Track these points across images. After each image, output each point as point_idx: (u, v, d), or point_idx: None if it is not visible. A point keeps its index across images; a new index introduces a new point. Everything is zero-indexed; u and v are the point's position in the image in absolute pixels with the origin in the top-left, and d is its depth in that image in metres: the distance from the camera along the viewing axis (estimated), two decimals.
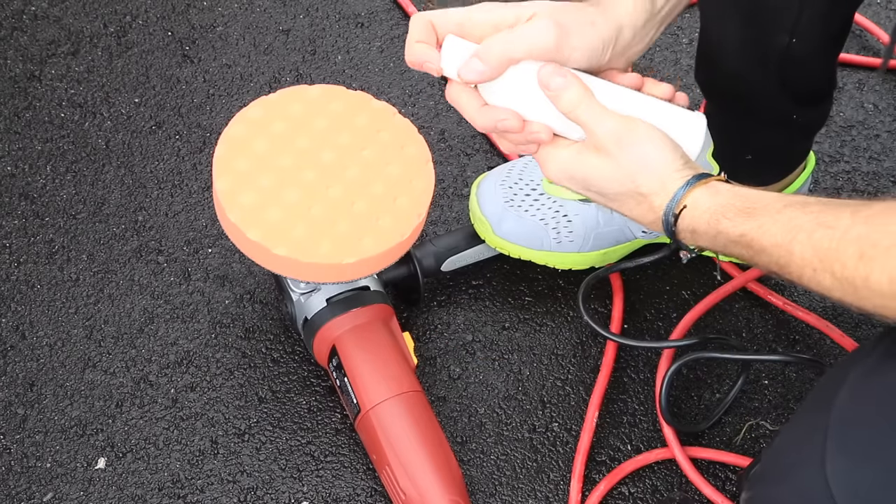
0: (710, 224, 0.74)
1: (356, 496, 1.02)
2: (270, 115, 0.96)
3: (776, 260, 0.70)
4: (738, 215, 0.72)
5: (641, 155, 0.76)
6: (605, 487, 1.02)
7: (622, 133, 0.76)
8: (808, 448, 0.68)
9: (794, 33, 0.89)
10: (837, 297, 0.66)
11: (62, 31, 1.33)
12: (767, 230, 0.70)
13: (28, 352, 1.10)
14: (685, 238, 0.76)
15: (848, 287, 0.65)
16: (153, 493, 1.02)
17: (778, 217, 0.70)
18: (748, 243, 0.71)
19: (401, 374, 1.00)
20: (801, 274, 0.68)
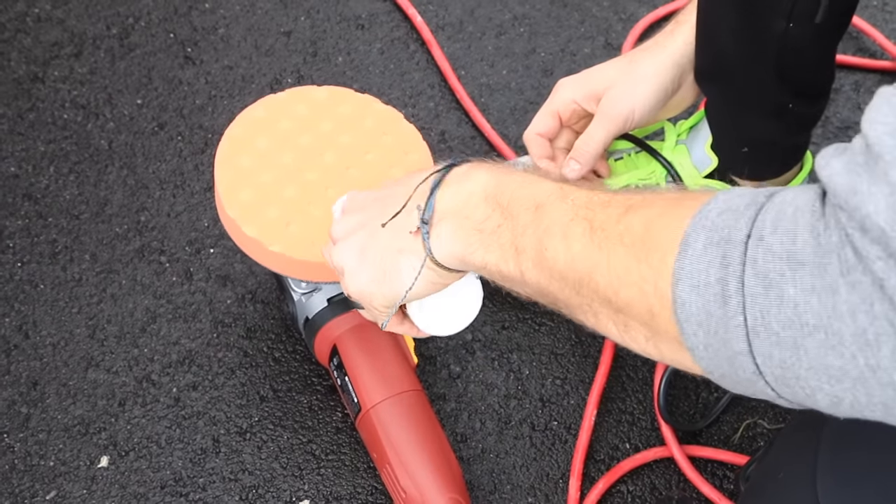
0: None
1: (357, 494, 1.03)
2: (276, 113, 0.96)
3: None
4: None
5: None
6: (604, 485, 1.02)
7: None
8: (799, 466, 0.68)
9: (792, 18, 0.90)
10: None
11: (65, 33, 1.34)
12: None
13: (31, 351, 1.10)
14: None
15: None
16: (155, 490, 1.03)
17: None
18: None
19: (401, 373, 1.00)
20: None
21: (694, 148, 1.10)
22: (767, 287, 0.51)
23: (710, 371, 0.57)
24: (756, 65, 0.96)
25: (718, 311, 0.53)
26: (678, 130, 1.13)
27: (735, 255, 0.53)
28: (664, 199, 0.61)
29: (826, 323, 0.50)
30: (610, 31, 1.35)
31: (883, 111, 0.50)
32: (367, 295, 0.79)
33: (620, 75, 0.93)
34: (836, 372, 0.50)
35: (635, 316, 0.60)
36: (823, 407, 0.53)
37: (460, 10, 1.38)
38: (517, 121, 1.26)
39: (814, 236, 0.51)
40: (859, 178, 0.49)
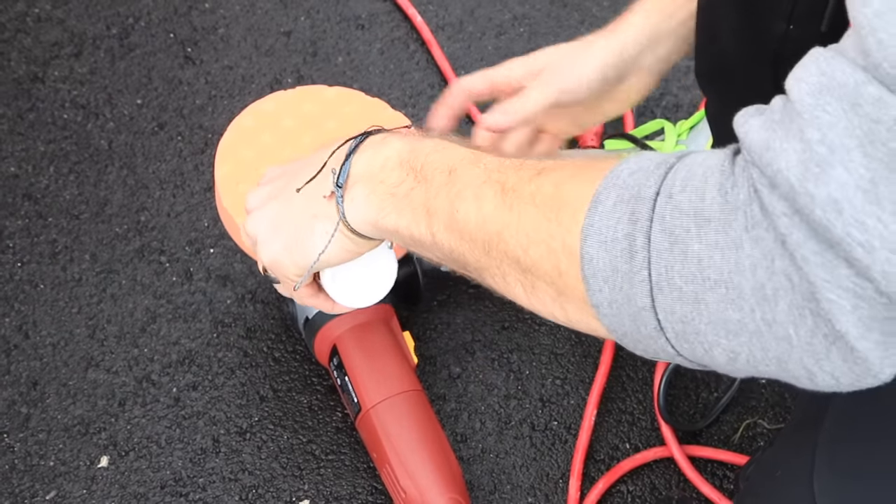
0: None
1: (357, 494, 1.03)
2: (283, 109, 0.96)
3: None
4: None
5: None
6: (604, 485, 1.02)
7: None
8: (797, 464, 0.68)
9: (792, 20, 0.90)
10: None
11: (65, 33, 1.34)
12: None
13: (31, 351, 1.11)
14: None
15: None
16: (155, 490, 1.03)
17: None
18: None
19: (401, 373, 1.00)
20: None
21: (694, 148, 1.10)
22: (673, 243, 0.52)
23: (614, 329, 0.57)
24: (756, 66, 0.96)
25: (624, 266, 0.54)
26: (678, 130, 1.13)
27: (643, 211, 0.53)
28: (576, 163, 0.62)
29: (727, 278, 0.50)
30: None
31: (809, 70, 0.50)
32: (279, 263, 0.78)
33: (566, 52, 0.93)
34: (734, 326, 0.51)
35: (542, 275, 0.60)
36: (721, 363, 0.53)
37: (460, 10, 1.38)
38: None
39: (721, 194, 0.51)
40: (774, 134, 0.50)
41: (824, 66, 0.50)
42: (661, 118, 1.24)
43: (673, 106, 1.28)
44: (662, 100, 1.29)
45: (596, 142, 1.21)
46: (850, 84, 0.48)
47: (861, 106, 0.47)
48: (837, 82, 0.49)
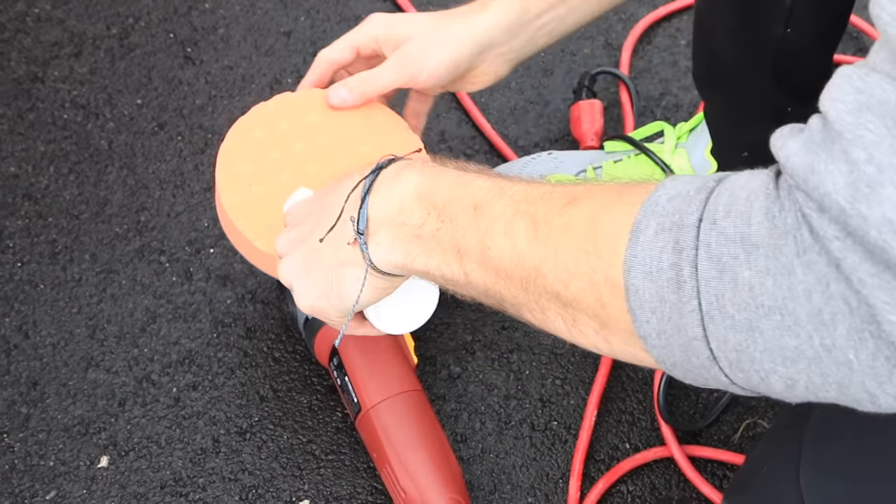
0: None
1: (356, 494, 1.03)
2: (289, 111, 0.95)
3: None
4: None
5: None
6: (604, 485, 1.02)
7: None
8: (784, 460, 0.68)
9: (789, 23, 0.90)
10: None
11: (65, 33, 1.34)
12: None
13: (31, 351, 1.11)
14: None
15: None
16: (155, 490, 1.03)
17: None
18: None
19: (401, 373, 1.00)
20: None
21: (693, 152, 1.10)
22: (721, 270, 0.51)
23: (662, 360, 0.56)
24: (754, 69, 0.96)
25: (672, 296, 0.53)
26: (678, 133, 1.13)
27: (688, 239, 0.52)
28: (608, 189, 0.61)
29: (781, 304, 0.49)
30: (610, 31, 1.35)
31: (844, 89, 0.49)
32: (319, 310, 0.78)
33: (424, 31, 0.92)
34: (792, 353, 0.50)
35: (584, 308, 0.59)
36: (778, 391, 0.53)
37: None
38: (517, 121, 1.27)
39: (768, 218, 0.50)
40: (817, 158, 0.49)
41: (859, 83, 0.49)
42: (661, 119, 1.24)
43: (673, 106, 1.28)
44: (662, 100, 1.29)
45: (596, 142, 1.21)
46: (891, 100, 0.47)
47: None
48: (877, 99, 0.48)
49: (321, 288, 0.76)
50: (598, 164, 1.14)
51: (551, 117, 1.27)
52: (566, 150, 1.18)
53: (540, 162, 1.14)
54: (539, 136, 1.26)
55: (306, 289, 0.78)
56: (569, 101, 1.26)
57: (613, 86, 1.29)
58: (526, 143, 1.25)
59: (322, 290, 0.76)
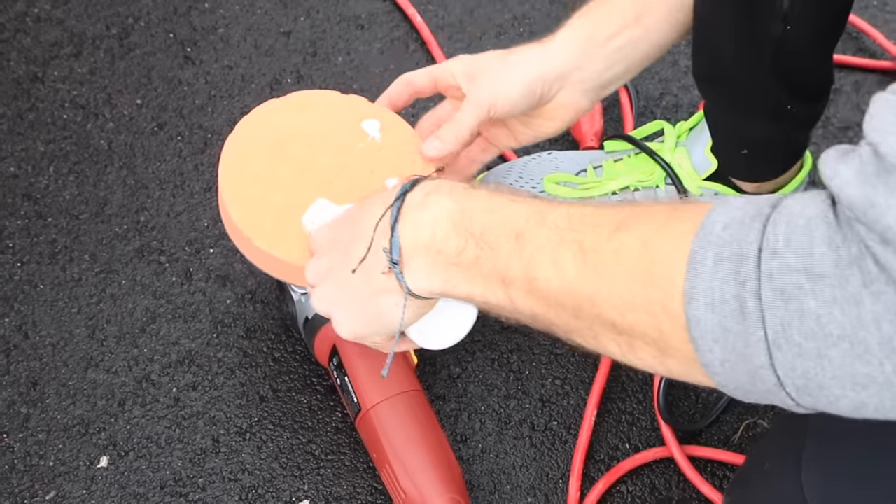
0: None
1: (356, 495, 1.03)
2: (293, 114, 0.95)
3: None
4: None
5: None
6: (604, 486, 1.02)
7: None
8: (786, 456, 0.68)
9: (789, 20, 0.90)
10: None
11: (65, 33, 1.34)
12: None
13: (31, 351, 1.10)
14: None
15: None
16: (155, 491, 1.03)
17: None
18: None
19: (401, 373, 1.00)
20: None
21: (694, 150, 1.10)
22: (787, 301, 0.52)
23: (726, 385, 0.57)
24: (754, 67, 0.96)
25: (737, 327, 0.53)
26: (678, 132, 1.13)
27: (749, 270, 0.53)
28: (656, 212, 0.60)
29: (851, 333, 0.50)
30: None
31: (890, 119, 0.50)
32: (362, 337, 0.79)
33: (497, 61, 0.92)
34: (863, 379, 0.51)
35: (641, 336, 0.59)
36: (846, 412, 0.53)
37: (460, 10, 1.38)
38: None
39: (832, 248, 0.51)
40: (875, 191, 0.50)
41: None
42: (661, 118, 1.24)
43: (673, 106, 1.28)
44: (662, 100, 1.29)
45: (596, 142, 1.21)
46: None
47: None
48: None
49: (360, 317, 0.77)
50: (599, 163, 1.14)
51: None
52: (566, 150, 1.18)
53: (540, 162, 1.14)
54: None
55: (345, 318, 0.78)
56: None
57: None
58: None
59: (361, 318, 0.77)
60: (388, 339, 0.79)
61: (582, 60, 0.91)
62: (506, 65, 0.91)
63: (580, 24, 0.92)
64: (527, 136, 0.97)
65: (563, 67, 0.91)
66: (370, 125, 0.94)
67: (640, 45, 0.92)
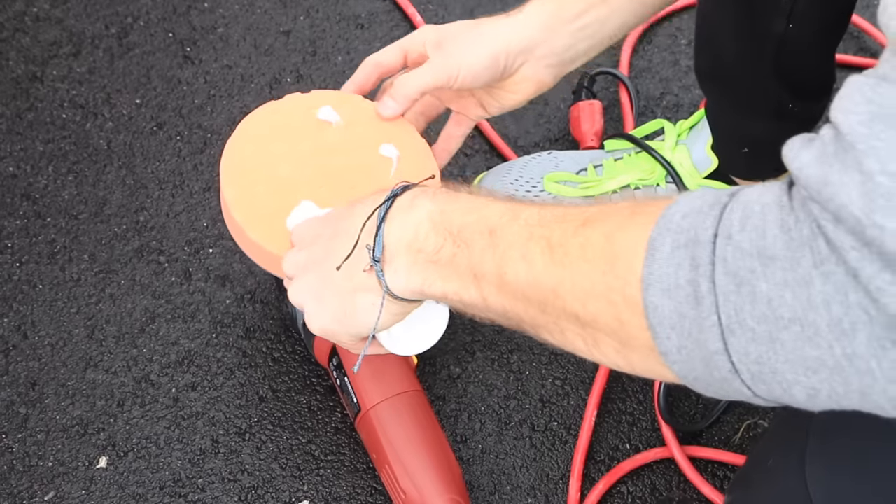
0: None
1: (356, 495, 1.03)
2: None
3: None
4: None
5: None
6: (604, 486, 1.02)
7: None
8: (789, 453, 0.68)
9: (791, 18, 0.90)
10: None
11: (64, 33, 1.34)
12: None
13: (30, 351, 1.10)
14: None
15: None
16: (154, 491, 1.03)
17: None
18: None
19: (401, 373, 1.00)
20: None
21: (694, 148, 1.10)
22: (739, 284, 0.51)
23: (684, 375, 0.57)
24: (756, 65, 0.96)
25: (691, 312, 0.53)
26: (678, 130, 1.13)
27: (704, 255, 0.53)
28: (621, 208, 0.61)
29: (801, 315, 0.50)
30: None
31: (854, 99, 0.50)
32: (331, 333, 0.79)
33: (464, 30, 0.91)
34: (813, 363, 0.50)
35: (603, 328, 0.60)
36: (800, 401, 0.53)
37: (460, 10, 1.38)
38: (517, 120, 1.26)
39: (784, 231, 0.51)
40: (831, 169, 0.49)
41: (870, 93, 0.49)
42: (662, 118, 1.24)
43: (673, 105, 1.28)
44: (663, 99, 1.28)
45: (596, 142, 1.21)
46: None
47: None
48: (888, 110, 0.48)
49: (334, 313, 0.77)
50: (599, 162, 1.14)
51: (551, 117, 1.27)
52: (566, 150, 1.18)
53: (540, 161, 1.14)
54: (539, 136, 1.26)
55: (319, 312, 0.78)
56: (568, 101, 1.26)
57: (613, 85, 1.29)
58: (526, 142, 1.25)
59: (335, 314, 0.77)
60: (357, 339, 0.79)
61: (548, 35, 0.90)
62: (471, 35, 0.91)
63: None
64: (493, 106, 0.96)
65: (527, 41, 0.90)
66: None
67: (606, 24, 0.91)
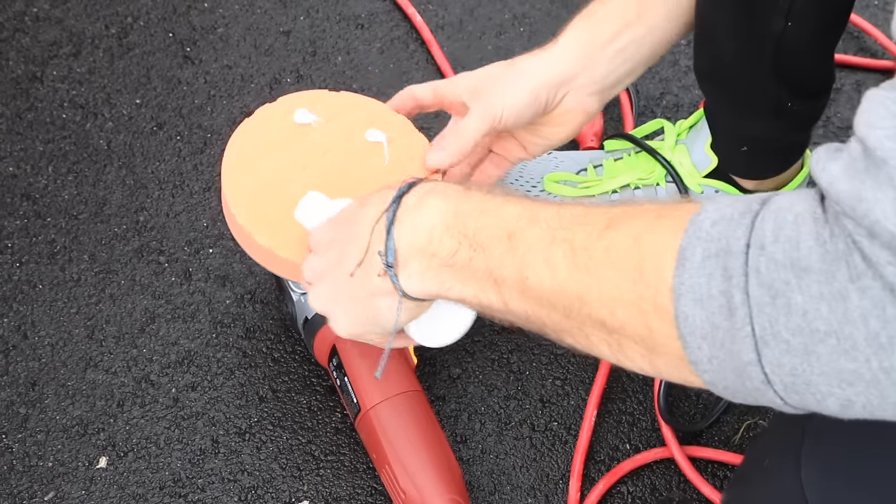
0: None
1: (356, 495, 1.03)
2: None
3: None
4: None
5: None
6: (604, 486, 1.02)
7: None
8: (785, 453, 0.68)
9: (790, 17, 0.89)
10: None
11: (64, 33, 1.34)
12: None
13: (30, 351, 1.10)
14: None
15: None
16: (154, 491, 1.03)
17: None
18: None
19: (401, 373, 1.00)
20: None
21: (694, 147, 1.10)
22: (774, 296, 0.51)
23: (714, 384, 0.57)
24: (754, 64, 0.96)
25: (724, 322, 0.53)
26: (678, 130, 1.13)
27: (736, 265, 0.53)
28: (646, 211, 0.61)
29: (837, 328, 0.50)
30: None
31: (879, 114, 0.50)
32: (358, 336, 0.80)
33: (501, 72, 0.91)
34: (849, 376, 0.51)
35: (631, 335, 0.59)
36: (833, 411, 0.53)
37: (460, 10, 1.38)
38: None
39: (819, 243, 0.51)
40: (863, 185, 0.49)
41: (894, 108, 0.49)
42: (661, 118, 1.24)
43: (673, 105, 1.28)
44: (662, 99, 1.28)
45: (596, 142, 1.21)
46: None
47: None
48: None
49: (357, 316, 0.78)
50: (599, 162, 1.14)
51: None
52: (566, 150, 1.18)
53: (540, 161, 1.14)
54: None
55: (342, 317, 0.79)
56: None
57: None
58: None
59: (358, 318, 0.78)
60: (384, 336, 0.79)
61: (585, 63, 0.91)
62: (509, 75, 0.91)
63: (581, 26, 0.92)
64: (537, 145, 0.96)
65: (566, 73, 0.90)
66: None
67: (643, 45, 0.92)
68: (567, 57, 0.91)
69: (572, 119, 0.93)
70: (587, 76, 0.91)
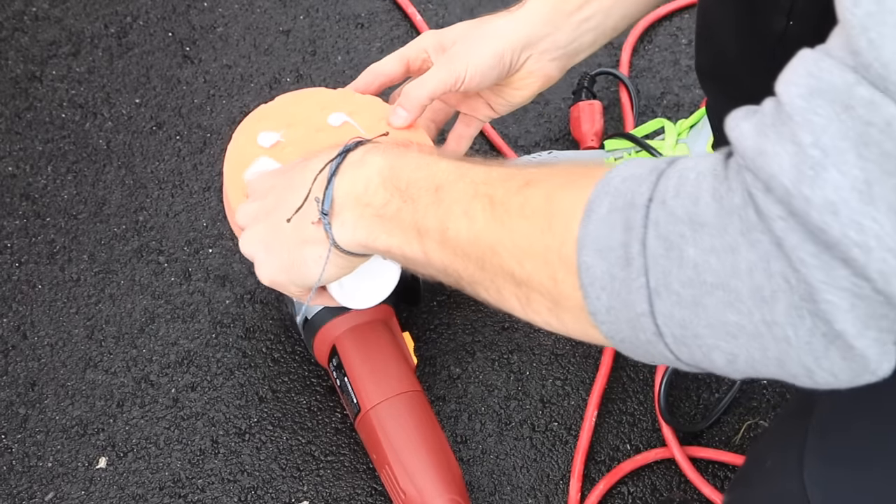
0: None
1: (356, 495, 1.02)
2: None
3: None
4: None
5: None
6: (605, 486, 1.02)
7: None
8: (787, 454, 0.68)
9: (791, 16, 0.89)
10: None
11: (63, 32, 1.33)
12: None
13: (29, 352, 1.10)
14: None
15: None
16: (154, 492, 1.02)
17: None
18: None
19: (401, 373, 1.00)
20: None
21: (695, 147, 1.10)
22: (668, 248, 0.52)
23: (611, 336, 0.57)
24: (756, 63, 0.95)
25: (621, 273, 0.54)
26: (679, 129, 1.13)
27: (637, 218, 0.54)
28: (565, 171, 0.62)
29: (725, 281, 0.51)
30: None
31: (798, 72, 0.51)
32: (279, 284, 0.81)
33: (467, 31, 0.91)
34: (733, 328, 0.51)
35: (538, 287, 0.61)
36: (720, 366, 0.54)
37: (460, 10, 1.37)
38: (517, 120, 1.26)
39: (716, 199, 0.52)
40: (766, 139, 0.50)
41: (813, 67, 0.50)
42: (662, 117, 1.24)
43: (674, 105, 1.28)
44: (663, 99, 1.28)
45: (596, 142, 1.21)
46: (841, 86, 0.48)
47: (853, 108, 0.48)
48: (828, 84, 0.49)
49: (283, 263, 0.78)
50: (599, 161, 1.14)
51: (551, 116, 1.27)
52: (566, 150, 1.18)
53: (540, 161, 1.14)
54: (539, 136, 1.25)
55: (267, 262, 0.80)
56: (569, 101, 1.26)
57: (614, 85, 1.29)
58: (526, 142, 1.25)
59: (283, 265, 0.78)
60: (305, 290, 0.80)
61: (550, 28, 0.90)
62: (475, 36, 0.90)
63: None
64: (501, 105, 0.96)
65: (530, 36, 0.90)
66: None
67: (609, 15, 0.91)
68: (533, 20, 0.90)
69: (532, 83, 0.92)
70: (551, 41, 0.90)
